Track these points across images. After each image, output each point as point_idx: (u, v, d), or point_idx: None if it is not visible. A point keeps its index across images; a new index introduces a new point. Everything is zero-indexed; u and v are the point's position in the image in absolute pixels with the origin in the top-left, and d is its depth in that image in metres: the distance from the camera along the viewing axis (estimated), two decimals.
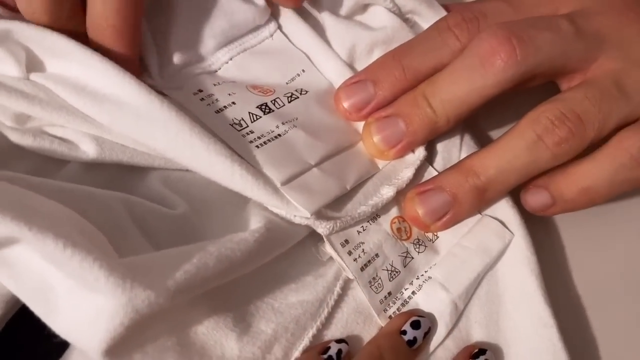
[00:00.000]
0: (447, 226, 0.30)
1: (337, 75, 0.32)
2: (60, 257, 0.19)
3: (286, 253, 0.27)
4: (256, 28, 0.32)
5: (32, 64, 0.27)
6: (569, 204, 0.29)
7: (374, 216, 0.29)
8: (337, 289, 0.27)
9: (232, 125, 0.28)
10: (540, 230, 0.32)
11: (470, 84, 0.28)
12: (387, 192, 0.29)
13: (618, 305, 0.32)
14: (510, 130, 0.29)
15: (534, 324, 0.28)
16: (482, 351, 0.28)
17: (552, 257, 0.33)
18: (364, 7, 0.33)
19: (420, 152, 0.31)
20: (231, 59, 0.32)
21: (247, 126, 0.28)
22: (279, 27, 0.33)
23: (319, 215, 0.27)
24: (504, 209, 0.31)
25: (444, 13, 0.33)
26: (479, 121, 0.35)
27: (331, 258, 0.28)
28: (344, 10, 0.33)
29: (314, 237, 0.28)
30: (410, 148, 0.30)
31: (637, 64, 0.29)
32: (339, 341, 0.27)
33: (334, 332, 0.27)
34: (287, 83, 0.31)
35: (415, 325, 0.27)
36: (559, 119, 0.27)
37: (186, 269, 0.22)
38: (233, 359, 0.24)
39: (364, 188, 0.29)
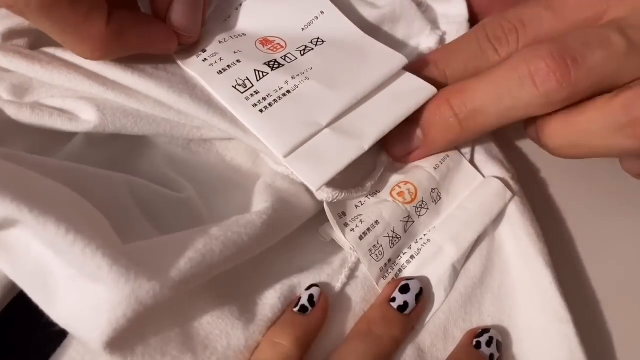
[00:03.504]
0: (415, 159, 0.30)
1: None
2: (62, 243, 0.18)
3: (291, 244, 0.26)
4: None
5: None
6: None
7: (373, 192, 0.29)
8: (343, 278, 0.27)
9: (235, 88, 0.26)
10: (552, 224, 0.32)
11: (515, 99, 0.26)
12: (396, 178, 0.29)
13: (633, 300, 0.31)
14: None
15: (549, 319, 0.28)
16: (486, 330, 0.27)
17: (565, 251, 0.32)
18: None
19: None
20: (241, 5, 0.30)
21: (252, 86, 0.27)
22: None
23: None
24: (515, 202, 0.30)
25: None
26: None
27: (333, 241, 0.27)
28: None
29: (319, 222, 0.27)
30: (426, 156, 0.30)
31: None
32: (307, 288, 0.26)
33: None
34: (302, 29, 0.29)
35: (404, 289, 0.26)
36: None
37: (191, 257, 0.21)
38: (239, 348, 0.23)
39: (370, 161, 0.29)
